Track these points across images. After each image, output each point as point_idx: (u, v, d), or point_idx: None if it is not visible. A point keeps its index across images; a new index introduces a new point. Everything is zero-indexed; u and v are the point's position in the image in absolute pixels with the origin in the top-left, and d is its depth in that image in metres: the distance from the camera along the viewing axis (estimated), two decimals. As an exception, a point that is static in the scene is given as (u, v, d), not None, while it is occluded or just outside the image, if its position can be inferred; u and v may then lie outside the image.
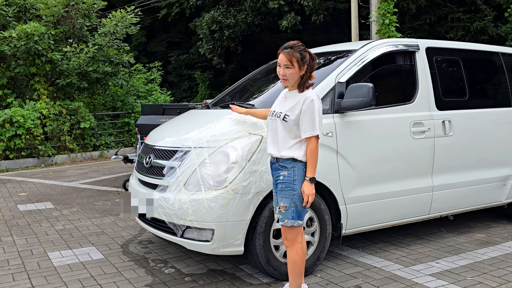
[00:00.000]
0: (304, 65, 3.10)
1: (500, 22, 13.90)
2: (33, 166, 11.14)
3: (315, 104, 3.06)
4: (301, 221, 3.15)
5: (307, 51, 3.14)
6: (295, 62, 3.09)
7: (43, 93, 12.00)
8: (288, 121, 3.11)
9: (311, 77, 3.18)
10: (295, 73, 3.12)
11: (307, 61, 3.12)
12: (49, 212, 6.22)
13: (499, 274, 3.84)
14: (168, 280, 3.81)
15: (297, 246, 3.17)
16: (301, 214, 3.14)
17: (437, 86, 4.53)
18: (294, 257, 3.17)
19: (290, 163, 3.11)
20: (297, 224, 3.13)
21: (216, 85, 23.73)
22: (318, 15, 15.32)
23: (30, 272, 4.05)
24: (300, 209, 3.12)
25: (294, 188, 3.09)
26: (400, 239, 4.79)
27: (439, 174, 4.48)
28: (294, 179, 3.09)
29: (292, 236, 3.16)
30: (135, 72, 16.37)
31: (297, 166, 3.10)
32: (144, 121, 7.69)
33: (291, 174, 3.10)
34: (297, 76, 3.13)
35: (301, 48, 3.12)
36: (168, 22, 22.92)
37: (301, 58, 3.09)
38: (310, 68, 3.15)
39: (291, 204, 3.10)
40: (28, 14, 12.59)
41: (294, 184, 3.09)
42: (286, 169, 3.12)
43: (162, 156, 3.95)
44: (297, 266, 3.17)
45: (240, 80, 5.45)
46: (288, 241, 3.18)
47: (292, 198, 3.10)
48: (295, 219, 3.12)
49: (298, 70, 3.11)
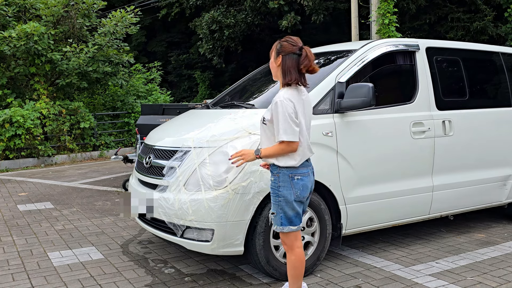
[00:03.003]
0: (279, 54, 2.99)
1: (500, 22, 13.90)
2: (33, 166, 11.13)
3: (278, 108, 2.91)
4: (294, 226, 3.05)
5: (291, 43, 2.98)
6: (272, 52, 3.06)
7: (43, 93, 12.00)
8: (267, 123, 3.02)
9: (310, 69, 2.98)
10: (271, 63, 3.08)
11: (285, 52, 2.96)
12: (49, 212, 6.22)
13: (499, 274, 3.84)
14: (168, 280, 3.81)
15: (297, 251, 3.11)
16: (293, 220, 3.04)
17: (437, 86, 4.53)
18: (294, 261, 3.11)
19: (276, 169, 3.04)
20: (287, 230, 3.05)
21: (216, 85, 23.73)
22: (318, 15, 15.32)
23: (30, 272, 4.04)
24: (290, 214, 3.03)
25: (279, 195, 3.02)
26: (400, 239, 4.79)
27: (439, 174, 4.48)
28: (279, 185, 3.02)
29: (289, 241, 3.10)
30: (135, 72, 16.37)
31: (282, 172, 3.01)
32: (144, 121, 7.69)
33: (276, 180, 3.04)
34: (274, 66, 3.06)
35: (285, 40, 3.02)
36: (168, 22, 22.92)
37: (279, 48, 3.01)
38: (295, 62, 2.95)
39: (278, 210, 3.04)
40: (28, 14, 12.59)
41: (279, 191, 3.02)
42: (272, 174, 3.08)
43: (162, 156, 3.95)
44: (297, 269, 3.13)
45: (240, 80, 5.45)
46: (287, 246, 3.13)
47: (278, 204, 3.03)
48: (285, 224, 3.04)
49: (273, 60, 3.05)
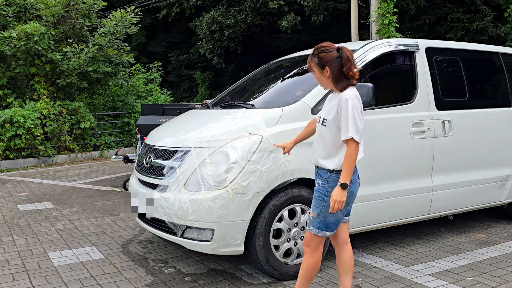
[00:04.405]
0: (325, 66, 2.93)
1: (499, 22, 13.90)
2: (33, 166, 11.14)
3: (348, 104, 2.82)
4: (329, 233, 2.99)
5: (327, 50, 2.92)
6: (314, 68, 2.99)
7: (43, 93, 12.01)
8: (327, 125, 2.93)
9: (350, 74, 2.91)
10: (320, 78, 3.00)
11: (328, 61, 2.90)
12: (49, 212, 6.22)
13: (498, 274, 3.85)
14: (168, 280, 3.81)
15: (316, 255, 3.05)
16: (330, 226, 2.98)
17: (436, 86, 4.54)
18: (311, 265, 3.05)
19: (326, 173, 2.96)
20: (322, 235, 2.99)
21: (216, 85, 23.75)
22: (318, 15, 15.32)
23: (30, 272, 4.05)
24: (330, 220, 2.96)
25: (325, 200, 2.93)
26: (400, 239, 4.80)
27: (439, 174, 4.49)
28: (327, 191, 2.93)
29: (314, 244, 3.03)
30: (135, 72, 16.38)
31: (332, 178, 2.92)
32: (144, 121, 7.69)
33: (325, 185, 2.95)
34: (324, 79, 2.98)
35: (318, 51, 2.95)
36: (168, 22, 22.93)
37: (318, 61, 2.94)
38: (339, 66, 2.89)
39: (319, 214, 2.97)
40: (28, 14, 12.60)
41: (326, 196, 2.93)
42: (321, 178, 2.98)
43: (162, 156, 3.95)
44: (311, 273, 3.08)
45: (240, 80, 5.45)
46: (309, 248, 3.05)
47: (321, 209, 2.95)
48: (322, 229, 2.97)
49: (320, 74, 2.97)
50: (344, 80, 2.91)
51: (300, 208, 3.74)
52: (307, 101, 3.86)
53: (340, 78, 2.91)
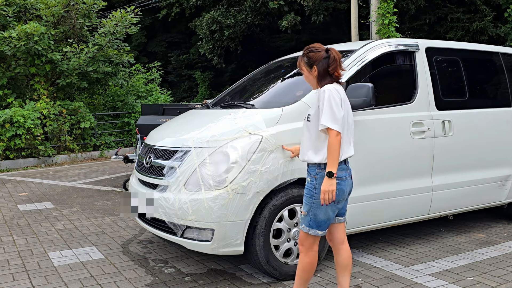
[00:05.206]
0: (313, 65, 3.01)
1: (499, 22, 13.90)
2: (33, 166, 11.14)
3: (325, 95, 2.88)
4: (320, 231, 3.00)
5: (316, 50, 3.01)
6: (303, 67, 3.07)
7: (43, 93, 12.01)
8: (311, 119, 2.99)
9: (335, 75, 2.99)
10: (308, 76, 3.08)
11: (316, 61, 2.99)
12: (49, 212, 6.22)
13: (498, 274, 3.85)
14: (168, 280, 3.81)
15: (311, 254, 3.05)
16: (321, 225, 2.98)
17: (436, 86, 4.54)
18: (307, 264, 3.06)
19: (314, 170, 2.98)
20: (313, 233, 3.00)
21: (216, 85, 23.75)
22: (318, 15, 15.32)
23: (30, 272, 4.05)
24: (321, 219, 2.97)
25: (314, 197, 2.95)
26: (400, 239, 4.80)
27: (439, 174, 4.49)
28: (315, 188, 2.95)
29: (308, 243, 3.04)
30: (135, 72, 16.38)
31: (320, 174, 2.94)
32: (144, 121, 7.70)
33: (313, 182, 2.97)
34: (311, 78, 3.06)
35: (308, 51, 3.04)
36: (168, 22, 22.94)
37: (307, 60, 3.03)
38: (326, 66, 2.98)
39: (309, 212, 2.99)
40: (28, 14, 12.60)
41: (315, 193, 2.95)
42: (310, 175, 3.01)
43: (162, 156, 3.95)
44: (307, 273, 3.09)
45: (240, 80, 5.45)
46: (304, 247, 3.06)
47: (310, 206, 2.97)
48: (312, 227, 2.98)
49: (308, 73, 3.06)
50: (328, 78, 3.00)
51: (300, 208, 3.74)
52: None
53: (324, 77, 3.01)
